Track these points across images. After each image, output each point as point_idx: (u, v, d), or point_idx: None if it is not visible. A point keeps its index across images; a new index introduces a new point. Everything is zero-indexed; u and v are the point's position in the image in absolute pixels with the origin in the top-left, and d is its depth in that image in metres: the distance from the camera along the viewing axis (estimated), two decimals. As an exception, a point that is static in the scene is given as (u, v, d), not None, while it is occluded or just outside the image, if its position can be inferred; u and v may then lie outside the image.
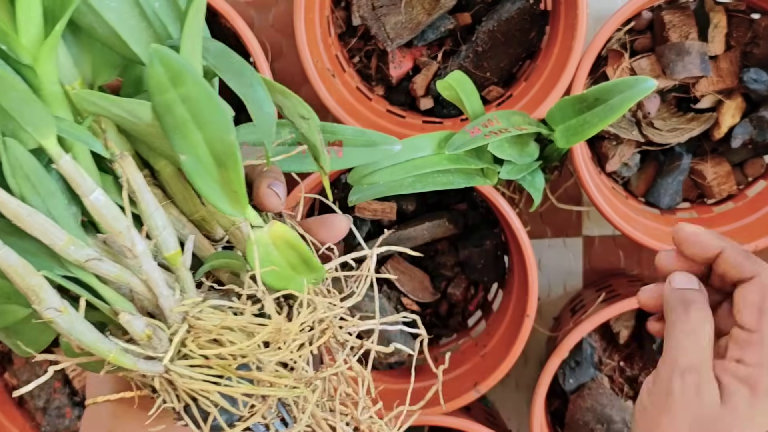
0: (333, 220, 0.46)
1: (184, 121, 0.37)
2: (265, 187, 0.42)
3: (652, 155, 0.85)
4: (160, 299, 0.39)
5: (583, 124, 0.68)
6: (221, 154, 0.38)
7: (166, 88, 0.36)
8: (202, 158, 0.38)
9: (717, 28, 0.79)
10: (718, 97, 0.80)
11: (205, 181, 0.38)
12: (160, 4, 0.40)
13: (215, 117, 0.37)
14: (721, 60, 0.80)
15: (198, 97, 0.36)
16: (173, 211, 0.42)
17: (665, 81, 0.79)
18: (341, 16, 0.83)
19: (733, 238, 0.80)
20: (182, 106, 0.36)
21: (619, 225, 0.77)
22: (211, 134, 0.37)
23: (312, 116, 0.42)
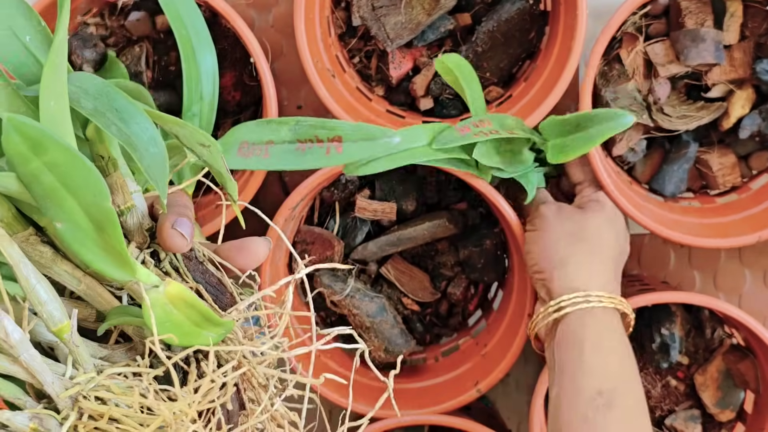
0: (250, 244, 0.43)
1: (54, 189, 0.34)
2: (168, 228, 0.39)
3: (659, 142, 0.85)
4: (45, 387, 0.36)
5: (565, 146, 0.73)
6: (100, 220, 0.35)
7: (28, 158, 0.34)
8: (79, 224, 0.35)
9: (733, 17, 0.79)
10: (730, 86, 0.80)
11: (86, 248, 0.36)
12: (31, 38, 0.38)
13: (87, 182, 0.35)
14: (735, 50, 0.80)
15: (65, 163, 0.34)
16: (66, 267, 0.39)
17: (678, 67, 0.79)
18: (341, 16, 0.83)
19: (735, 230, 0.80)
20: (50, 174, 0.34)
21: (629, 211, 0.76)
22: (86, 201, 0.35)
23: (212, 143, 0.40)
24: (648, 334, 0.86)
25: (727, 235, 0.79)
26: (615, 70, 0.80)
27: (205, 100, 0.61)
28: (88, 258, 0.36)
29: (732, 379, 0.84)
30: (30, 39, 0.38)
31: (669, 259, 0.93)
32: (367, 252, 0.84)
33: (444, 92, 0.84)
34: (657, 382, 0.87)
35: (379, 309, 0.82)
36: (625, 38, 0.81)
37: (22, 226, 0.38)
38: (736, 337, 0.85)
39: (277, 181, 0.89)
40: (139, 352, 0.40)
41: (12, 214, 0.38)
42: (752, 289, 0.92)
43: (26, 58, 0.39)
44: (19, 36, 0.38)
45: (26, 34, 0.38)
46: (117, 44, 0.84)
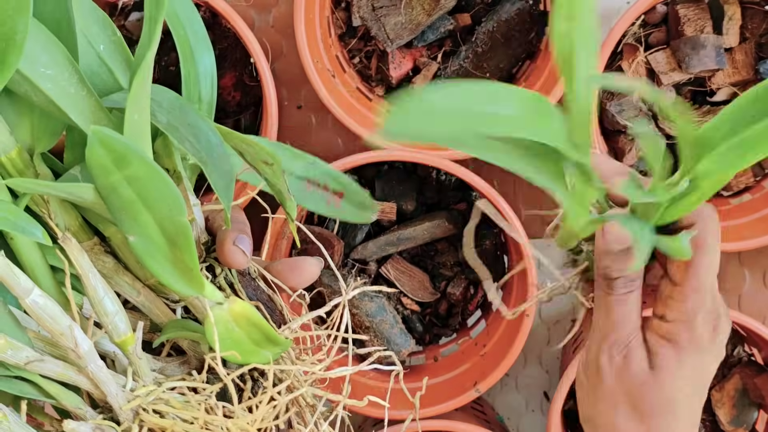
0: (303, 264, 0.43)
1: (131, 202, 0.35)
2: (230, 245, 0.40)
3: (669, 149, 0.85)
4: (108, 398, 0.36)
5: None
6: (173, 234, 0.36)
7: (109, 170, 0.34)
8: (152, 238, 0.36)
9: (731, 20, 0.79)
10: (734, 89, 0.81)
11: (157, 262, 0.36)
12: (105, 47, 0.38)
13: (165, 197, 0.35)
14: (737, 52, 0.80)
15: (146, 177, 0.34)
16: (126, 278, 0.39)
17: (680, 75, 0.79)
18: (341, 16, 0.84)
19: (750, 231, 0.80)
20: (129, 187, 0.34)
21: None
22: (161, 215, 0.35)
23: (276, 161, 0.40)
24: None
25: (743, 238, 0.79)
26: (618, 83, 0.81)
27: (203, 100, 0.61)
28: (158, 271, 0.36)
29: (747, 396, 0.84)
30: (104, 48, 0.38)
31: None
32: (366, 252, 0.84)
33: (444, 92, 0.84)
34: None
35: (379, 309, 0.82)
36: (625, 49, 0.81)
37: (87, 236, 0.38)
38: (756, 357, 0.86)
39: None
40: (193, 367, 0.40)
41: (78, 223, 0.38)
42: (752, 289, 0.92)
43: (99, 68, 0.38)
44: (93, 44, 0.38)
45: (100, 43, 0.38)
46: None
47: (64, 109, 0.35)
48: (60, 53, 0.34)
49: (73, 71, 0.35)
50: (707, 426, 0.86)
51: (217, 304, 0.38)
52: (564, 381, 0.78)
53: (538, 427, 0.95)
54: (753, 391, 0.84)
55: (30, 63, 0.34)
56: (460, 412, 0.83)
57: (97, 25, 0.39)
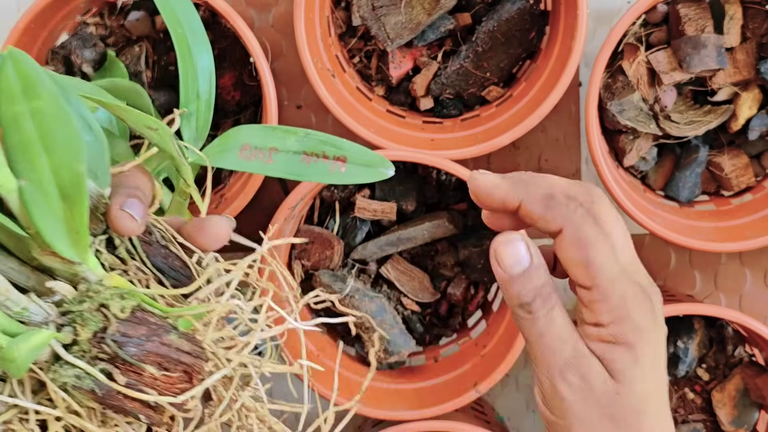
0: (209, 223, 0.40)
1: (30, 141, 0.33)
2: (116, 210, 0.37)
3: (669, 149, 0.85)
4: None
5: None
6: (67, 184, 0.33)
7: (16, 98, 0.32)
8: (44, 186, 0.33)
9: (733, 19, 0.79)
10: (735, 89, 0.80)
11: (44, 214, 0.33)
12: None
13: (67, 139, 0.33)
14: (738, 51, 0.80)
15: (52, 114, 0.32)
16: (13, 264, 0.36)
17: (682, 74, 0.79)
18: (341, 16, 0.83)
19: (751, 231, 0.80)
20: (32, 122, 0.32)
21: (641, 220, 0.77)
22: (59, 160, 0.33)
23: (159, 126, 0.38)
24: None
25: (744, 238, 0.79)
26: (619, 82, 0.80)
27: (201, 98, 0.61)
28: (44, 226, 0.33)
29: (748, 396, 0.84)
30: None
31: (669, 260, 0.93)
32: (366, 252, 0.83)
33: (444, 92, 0.84)
34: (673, 392, 0.87)
35: (379, 309, 0.82)
36: (626, 49, 0.81)
37: None
38: (757, 357, 0.86)
39: (277, 181, 0.89)
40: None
41: None
42: (752, 289, 0.92)
43: None
44: None
45: None
46: (117, 44, 0.84)
47: None
48: None
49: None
50: (708, 426, 0.86)
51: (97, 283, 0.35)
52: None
53: (538, 428, 0.95)
54: (754, 392, 0.84)
55: None
56: (461, 412, 0.83)
57: None
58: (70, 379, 0.33)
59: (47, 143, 0.33)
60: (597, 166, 0.75)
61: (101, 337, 0.33)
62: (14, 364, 0.32)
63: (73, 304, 0.34)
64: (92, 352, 0.33)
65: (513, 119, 0.78)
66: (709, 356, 0.87)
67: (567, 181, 0.41)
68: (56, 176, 0.33)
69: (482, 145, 0.76)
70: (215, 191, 0.84)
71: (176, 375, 0.34)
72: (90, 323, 0.34)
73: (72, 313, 0.34)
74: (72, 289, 0.35)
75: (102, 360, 0.33)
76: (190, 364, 0.35)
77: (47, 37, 0.81)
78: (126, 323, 0.34)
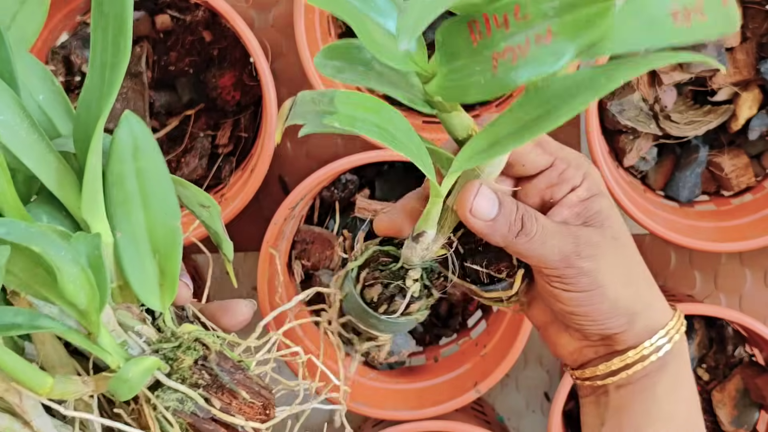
0: (234, 306, 0.43)
1: (131, 196, 0.35)
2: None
3: (669, 148, 0.85)
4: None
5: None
6: (161, 239, 0.36)
7: (125, 158, 0.34)
8: (138, 241, 0.36)
9: (733, 20, 0.79)
10: (735, 89, 0.80)
11: (134, 266, 0.36)
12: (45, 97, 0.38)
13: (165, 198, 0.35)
14: (738, 51, 0.80)
15: (154, 173, 0.35)
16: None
17: (681, 74, 0.79)
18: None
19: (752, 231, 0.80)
20: (135, 180, 0.35)
21: (641, 220, 0.77)
22: (155, 216, 0.35)
23: (212, 204, 0.40)
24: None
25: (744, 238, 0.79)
26: (619, 83, 0.80)
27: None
28: (133, 278, 0.36)
29: (748, 396, 0.84)
30: (43, 98, 0.38)
31: (670, 260, 0.93)
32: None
33: (444, 92, 0.84)
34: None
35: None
36: (626, 48, 0.81)
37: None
38: (757, 357, 0.86)
39: (277, 181, 0.89)
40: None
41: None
42: (752, 289, 0.92)
43: (40, 116, 0.39)
44: (33, 95, 0.39)
45: (40, 94, 0.38)
46: (117, 44, 0.84)
47: (16, 153, 0.35)
48: (9, 98, 0.35)
49: (24, 116, 0.35)
50: (708, 426, 0.86)
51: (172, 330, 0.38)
52: (564, 381, 0.78)
53: (538, 428, 0.95)
54: (754, 392, 0.84)
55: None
56: (461, 412, 0.83)
57: (36, 77, 0.39)
58: (173, 403, 0.36)
59: (146, 200, 0.35)
60: (597, 166, 0.75)
61: (202, 364, 0.37)
62: (127, 384, 0.34)
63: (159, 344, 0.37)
64: (192, 378, 0.36)
65: (513, 119, 0.78)
66: (709, 356, 0.87)
67: None
68: (150, 232, 0.35)
69: (482, 145, 0.76)
70: (215, 191, 0.84)
71: (259, 404, 0.37)
72: (192, 352, 0.37)
73: (163, 349, 0.37)
74: (155, 333, 0.38)
75: (198, 386, 0.36)
76: (267, 398, 0.38)
77: (47, 37, 0.81)
78: (219, 354, 0.37)
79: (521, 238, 0.41)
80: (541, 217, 0.41)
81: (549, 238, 0.41)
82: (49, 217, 0.37)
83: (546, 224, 0.41)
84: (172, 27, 0.84)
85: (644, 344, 0.44)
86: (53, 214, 0.37)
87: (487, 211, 0.40)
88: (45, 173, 0.35)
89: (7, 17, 0.38)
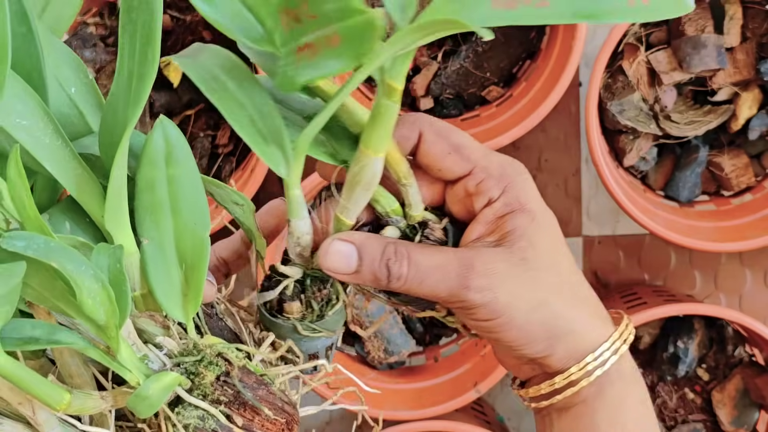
0: None
1: (161, 203, 0.34)
2: None
3: (669, 148, 0.85)
4: None
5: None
6: (189, 249, 0.35)
7: (158, 164, 0.34)
8: (165, 249, 0.35)
9: (733, 20, 0.79)
10: (735, 89, 0.80)
11: (160, 275, 0.35)
12: (77, 90, 0.37)
13: (196, 207, 0.34)
14: (738, 51, 0.80)
15: (187, 182, 0.34)
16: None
17: (681, 74, 0.79)
18: (341, 16, 0.83)
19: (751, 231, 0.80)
20: (166, 187, 0.34)
21: (641, 220, 0.77)
22: (184, 225, 0.34)
23: (246, 202, 0.40)
24: (663, 343, 0.86)
25: (744, 238, 0.79)
26: (619, 82, 0.80)
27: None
28: (155, 284, 0.35)
29: (748, 396, 0.84)
30: (75, 91, 0.37)
31: (669, 260, 0.93)
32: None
33: (444, 92, 0.84)
34: (673, 392, 0.87)
35: (379, 309, 0.82)
36: (626, 49, 0.81)
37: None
38: (757, 357, 0.86)
39: (277, 181, 0.89)
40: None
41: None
42: (752, 289, 0.92)
43: (70, 110, 0.38)
44: (65, 87, 0.37)
45: (72, 86, 0.37)
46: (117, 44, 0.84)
47: (39, 159, 0.34)
48: (35, 103, 0.34)
49: (48, 121, 0.34)
50: (708, 426, 0.86)
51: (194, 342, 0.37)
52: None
53: (538, 428, 0.95)
54: (754, 392, 0.84)
55: (5, 114, 0.33)
56: (461, 412, 0.83)
57: (69, 68, 0.38)
58: (193, 420, 0.35)
59: (176, 208, 0.34)
60: (597, 166, 0.75)
61: (224, 381, 0.36)
62: (147, 402, 0.33)
63: (181, 357, 0.36)
64: (214, 394, 0.35)
65: (513, 119, 0.78)
66: (709, 356, 0.87)
67: None
68: (178, 240, 0.35)
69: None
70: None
71: (282, 421, 0.36)
72: (213, 368, 0.36)
73: (185, 363, 0.36)
74: (176, 345, 0.36)
75: (220, 403, 0.35)
76: (291, 414, 0.37)
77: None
78: (242, 370, 0.36)
79: (393, 283, 0.38)
80: (416, 256, 0.38)
81: (426, 277, 0.38)
82: (72, 223, 0.36)
83: (421, 263, 0.38)
84: (172, 27, 0.84)
85: (571, 369, 0.41)
86: (76, 221, 0.36)
87: (344, 267, 0.38)
88: (67, 180, 0.34)
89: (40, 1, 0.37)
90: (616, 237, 0.93)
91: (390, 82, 0.34)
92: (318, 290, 0.41)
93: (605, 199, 0.90)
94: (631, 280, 0.93)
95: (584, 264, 0.93)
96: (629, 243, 0.92)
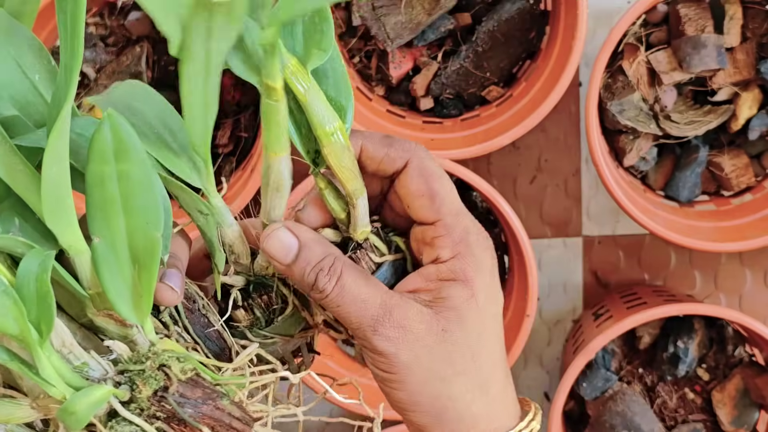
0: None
1: (112, 200, 0.33)
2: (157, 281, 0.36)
3: (669, 148, 0.85)
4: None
5: None
6: (141, 249, 0.33)
7: (107, 159, 0.32)
8: (117, 248, 0.33)
9: (733, 19, 0.79)
10: (735, 89, 0.81)
11: (112, 275, 0.34)
12: (41, 77, 0.36)
13: (148, 205, 0.33)
14: (738, 51, 0.80)
15: (138, 178, 0.32)
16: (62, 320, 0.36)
17: (681, 74, 0.79)
18: (341, 16, 0.83)
19: (751, 231, 0.80)
20: (116, 184, 0.32)
21: (641, 220, 0.77)
22: (135, 224, 0.33)
23: (211, 212, 0.38)
24: (663, 343, 0.86)
25: (744, 238, 0.79)
26: (619, 82, 0.80)
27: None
28: (109, 284, 0.34)
29: (748, 396, 0.84)
30: (39, 78, 0.36)
31: (669, 260, 0.93)
32: (366, 252, 0.83)
33: (444, 92, 0.84)
34: (673, 392, 0.87)
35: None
36: (626, 49, 0.81)
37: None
38: (757, 357, 0.86)
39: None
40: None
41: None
42: (752, 289, 0.92)
43: (35, 98, 0.36)
44: (28, 74, 0.36)
45: (36, 73, 0.36)
46: (117, 44, 0.84)
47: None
48: None
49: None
50: (708, 426, 0.86)
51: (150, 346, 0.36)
52: (564, 381, 0.78)
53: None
54: (754, 392, 0.84)
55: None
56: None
57: (32, 54, 0.37)
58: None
59: (128, 206, 0.33)
60: (597, 166, 0.75)
61: (162, 396, 0.34)
62: (74, 417, 0.32)
63: (129, 364, 0.35)
64: (150, 410, 0.34)
65: (513, 119, 0.78)
66: (709, 356, 0.87)
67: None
68: (130, 239, 0.33)
69: (482, 145, 0.77)
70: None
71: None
72: (151, 381, 0.35)
73: (129, 371, 0.35)
74: (128, 349, 0.35)
75: (158, 419, 0.34)
76: (240, 430, 0.35)
77: (47, 37, 0.81)
78: (185, 385, 0.35)
79: (315, 293, 0.38)
80: (347, 279, 0.38)
81: (346, 304, 0.37)
82: (22, 220, 0.35)
83: (348, 288, 0.37)
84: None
85: None
86: (26, 218, 0.35)
87: (280, 256, 0.38)
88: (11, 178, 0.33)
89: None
90: (616, 237, 0.93)
91: (267, 82, 0.34)
92: (259, 296, 0.41)
93: (605, 199, 0.90)
94: (631, 280, 0.93)
95: (584, 264, 0.93)
96: (629, 243, 0.92)
